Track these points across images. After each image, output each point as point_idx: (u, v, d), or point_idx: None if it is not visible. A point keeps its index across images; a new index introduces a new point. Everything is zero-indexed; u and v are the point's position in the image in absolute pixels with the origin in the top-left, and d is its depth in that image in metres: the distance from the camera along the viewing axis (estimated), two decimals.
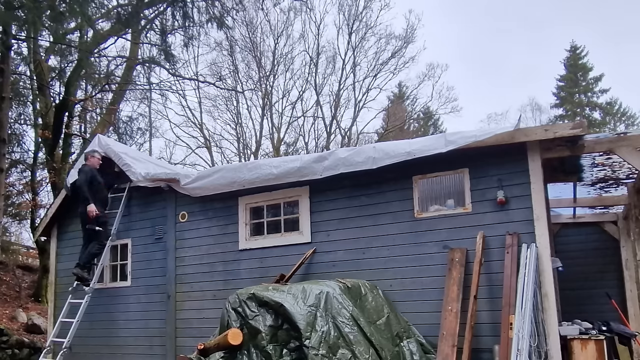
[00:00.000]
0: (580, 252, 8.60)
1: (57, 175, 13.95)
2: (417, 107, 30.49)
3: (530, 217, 5.20)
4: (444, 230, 5.64)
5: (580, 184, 7.77)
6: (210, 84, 22.36)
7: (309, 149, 26.39)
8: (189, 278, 7.23)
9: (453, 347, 4.93)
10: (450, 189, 5.77)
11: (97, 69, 16.31)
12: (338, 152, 6.07)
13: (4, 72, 10.20)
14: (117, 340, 7.67)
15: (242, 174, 6.59)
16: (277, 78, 26.00)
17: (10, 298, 12.88)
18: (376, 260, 5.95)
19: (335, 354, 4.47)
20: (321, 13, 30.46)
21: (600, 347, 4.90)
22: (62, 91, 14.86)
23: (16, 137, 15.66)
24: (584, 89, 34.94)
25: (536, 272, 4.95)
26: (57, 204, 8.49)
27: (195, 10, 13.05)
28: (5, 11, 9.09)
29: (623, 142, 5.38)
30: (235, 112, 26.22)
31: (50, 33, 11.76)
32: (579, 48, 34.88)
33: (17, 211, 16.32)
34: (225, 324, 5.01)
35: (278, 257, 6.55)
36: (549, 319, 4.96)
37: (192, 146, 25.97)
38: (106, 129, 16.94)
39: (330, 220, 6.31)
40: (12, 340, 9.93)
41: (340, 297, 4.96)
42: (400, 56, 26.65)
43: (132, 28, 14.12)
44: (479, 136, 5.26)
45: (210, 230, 7.16)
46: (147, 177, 7.33)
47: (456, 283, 5.29)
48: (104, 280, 7.95)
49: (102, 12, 13.06)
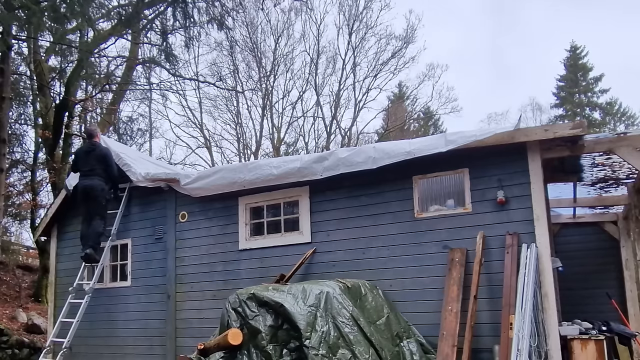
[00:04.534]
0: (580, 252, 8.59)
1: (57, 175, 13.95)
2: (417, 107, 30.57)
3: (530, 217, 5.20)
4: (444, 230, 5.64)
5: (580, 184, 7.77)
6: (211, 84, 22.37)
7: (309, 149, 26.42)
8: (189, 278, 7.23)
9: (453, 347, 4.94)
10: (450, 189, 5.77)
11: (97, 69, 16.33)
12: (338, 152, 6.07)
13: (4, 72, 10.21)
14: (117, 341, 7.67)
15: (242, 174, 6.60)
16: (277, 78, 26.06)
17: (10, 298, 12.87)
18: (376, 260, 5.95)
19: (335, 354, 4.47)
20: (321, 13, 30.36)
21: (600, 347, 4.90)
22: (62, 91, 14.88)
23: (16, 137, 15.69)
24: (584, 89, 34.96)
25: (536, 272, 4.95)
26: (57, 204, 8.49)
27: (196, 10, 13.08)
28: (5, 12, 9.09)
29: (623, 142, 5.38)
30: (235, 112, 26.29)
31: (51, 33, 11.76)
32: (579, 48, 34.91)
33: (17, 211, 16.33)
34: (225, 324, 5.01)
35: (278, 257, 6.56)
36: (549, 319, 4.96)
37: (192, 146, 26.04)
38: (106, 129, 16.94)
39: (330, 220, 6.31)
40: (12, 340, 9.95)
41: (340, 297, 4.96)
42: (401, 56, 26.71)
43: (132, 28, 14.13)
44: (479, 136, 5.27)
45: (210, 230, 7.16)
46: (147, 177, 7.33)
47: (456, 283, 5.29)
48: (104, 280, 7.95)
49: (103, 12, 13.08)
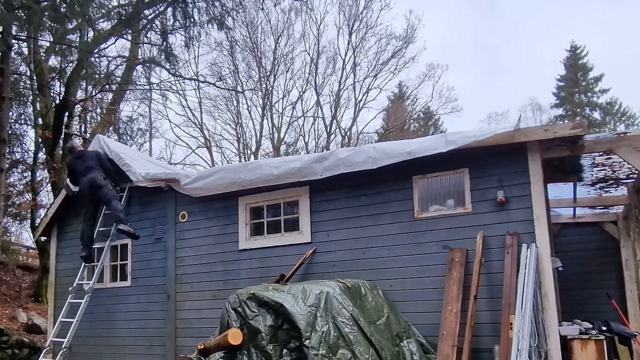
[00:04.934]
0: (580, 252, 8.59)
1: (57, 175, 13.95)
2: (417, 107, 30.57)
3: (530, 217, 5.20)
4: (444, 230, 5.64)
5: (580, 184, 7.77)
6: (211, 84, 22.38)
7: (309, 149, 26.42)
8: (189, 278, 7.23)
9: (453, 347, 4.94)
10: (450, 189, 5.77)
11: (97, 69, 16.34)
12: (338, 153, 6.07)
13: (4, 72, 10.21)
14: (117, 341, 7.67)
15: (242, 174, 6.59)
16: (277, 78, 26.07)
17: (10, 298, 12.88)
18: (376, 260, 5.95)
19: (335, 354, 4.47)
20: (321, 13, 30.36)
21: (600, 347, 4.90)
22: (62, 91, 14.88)
23: (16, 137, 15.69)
24: (584, 89, 34.95)
25: (536, 272, 4.95)
26: (57, 204, 8.49)
27: (196, 10, 13.08)
28: (5, 11, 9.09)
29: (623, 142, 5.38)
30: (235, 112, 26.29)
31: (51, 33, 11.76)
32: (579, 48, 34.90)
33: (17, 211, 16.34)
34: (225, 324, 5.01)
35: (278, 257, 6.55)
36: (549, 319, 4.96)
37: (192, 146, 26.06)
38: (106, 129, 16.96)
39: (330, 220, 6.31)
40: (12, 340, 9.95)
41: (340, 297, 4.96)
42: (401, 56, 26.73)
43: (132, 28, 14.14)
44: (479, 136, 5.26)
45: (210, 230, 7.16)
46: (147, 177, 7.33)
47: (456, 283, 5.29)
48: (104, 280, 7.96)
49: (103, 12, 13.08)
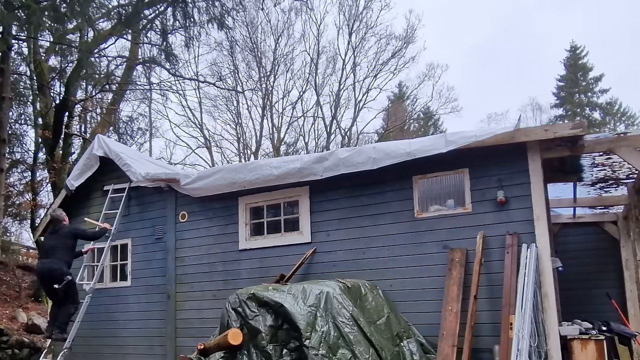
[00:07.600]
0: (580, 252, 8.59)
1: (57, 176, 13.95)
2: (417, 107, 30.54)
3: (530, 217, 5.21)
4: (444, 230, 5.64)
5: (580, 184, 7.77)
6: (211, 84, 22.39)
7: (309, 149, 26.41)
8: (189, 278, 7.23)
9: (453, 347, 4.94)
10: (450, 189, 5.77)
11: (97, 69, 16.33)
12: (338, 153, 6.07)
13: (4, 72, 10.21)
14: (117, 340, 7.67)
15: (242, 174, 6.59)
16: (277, 78, 26.06)
17: (10, 298, 12.86)
18: (376, 260, 5.95)
19: (335, 354, 4.47)
20: (321, 13, 30.43)
21: (600, 347, 4.90)
22: (62, 91, 14.87)
23: (16, 137, 15.68)
24: (584, 89, 34.92)
25: (536, 272, 4.95)
26: (57, 204, 8.49)
27: (196, 10, 13.06)
28: (5, 11, 9.08)
29: (623, 142, 5.38)
30: (235, 112, 26.28)
31: (51, 33, 11.76)
32: (579, 48, 34.86)
33: (17, 211, 16.33)
34: (225, 324, 5.01)
35: (278, 257, 6.56)
36: (549, 319, 4.96)
37: (192, 146, 26.05)
38: (106, 129, 16.95)
39: (330, 220, 6.32)
40: (12, 340, 9.94)
41: (340, 297, 4.96)
42: (401, 56, 26.72)
43: (132, 28, 14.12)
44: (479, 136, 5.26)
45: (210, 230, 7.16)
46: (147, 177, 7.33)
47: (456, 283, 5.29)
48: (104, 280, 7.96)
49: (103, 12, 13.08)
